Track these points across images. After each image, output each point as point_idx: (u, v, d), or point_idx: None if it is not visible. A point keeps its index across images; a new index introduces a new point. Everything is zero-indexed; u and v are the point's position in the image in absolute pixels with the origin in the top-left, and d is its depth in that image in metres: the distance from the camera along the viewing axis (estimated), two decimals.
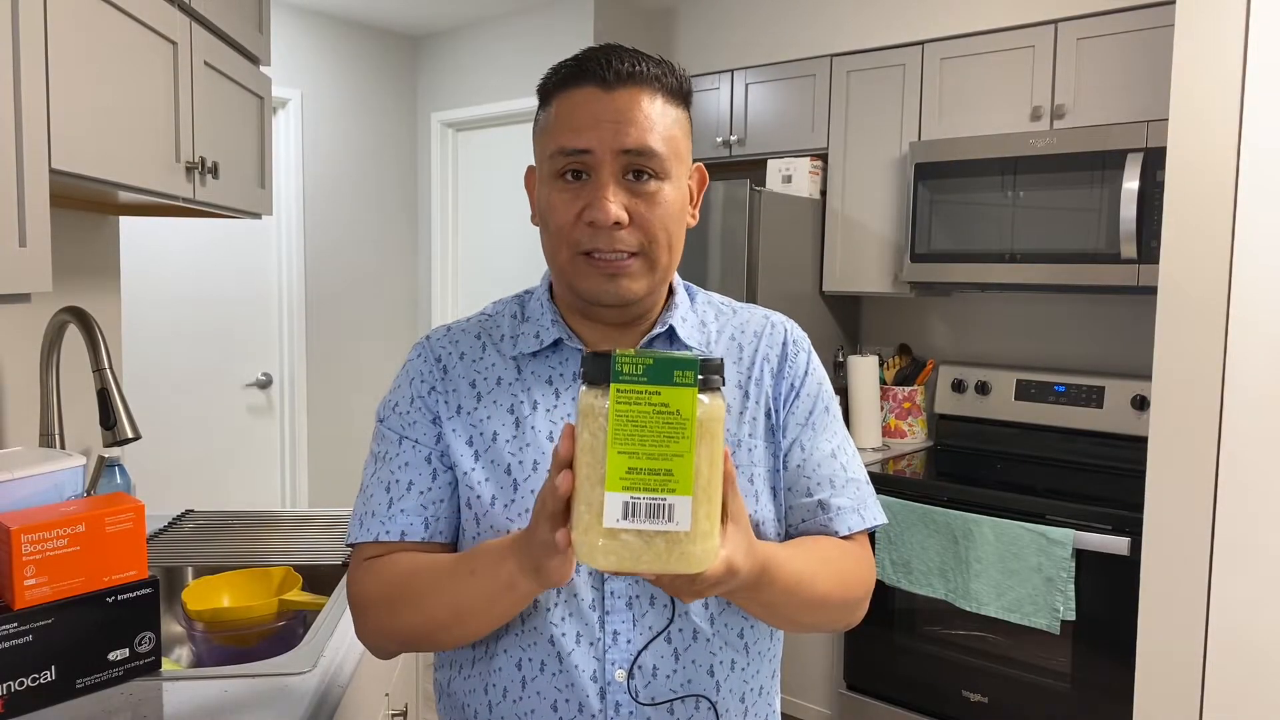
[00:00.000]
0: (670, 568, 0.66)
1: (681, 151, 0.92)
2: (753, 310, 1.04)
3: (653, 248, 0.89)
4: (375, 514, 0.92)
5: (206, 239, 3.38)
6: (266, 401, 3.66)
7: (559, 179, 0.89)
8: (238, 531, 1.77)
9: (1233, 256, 1.93)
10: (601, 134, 0.86)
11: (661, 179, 0.89)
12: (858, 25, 2.97)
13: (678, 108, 0.92)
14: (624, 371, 0.64)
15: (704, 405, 0.65)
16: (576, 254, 0.89)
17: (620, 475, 0.64)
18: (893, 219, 2.93)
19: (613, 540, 0.66)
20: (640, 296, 0.92)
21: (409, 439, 0.94)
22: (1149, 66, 2.42)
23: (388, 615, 0.88)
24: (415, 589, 0.86)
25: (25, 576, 1.03)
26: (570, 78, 0.90)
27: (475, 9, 3.62)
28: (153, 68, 1.39)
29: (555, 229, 0.90)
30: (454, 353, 0.97)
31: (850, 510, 0.96)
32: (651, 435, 0.64)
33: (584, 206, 0.87)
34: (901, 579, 2.56)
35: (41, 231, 1.07)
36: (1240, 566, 1.94)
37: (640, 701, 0.87)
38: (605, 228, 0.86)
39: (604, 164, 0.87)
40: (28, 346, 1.63)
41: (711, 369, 0.67)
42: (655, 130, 0.88)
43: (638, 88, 0.88)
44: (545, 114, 0.92)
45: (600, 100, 0.87)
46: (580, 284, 0.90)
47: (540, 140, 0.93)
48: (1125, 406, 2.67)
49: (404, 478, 0.92)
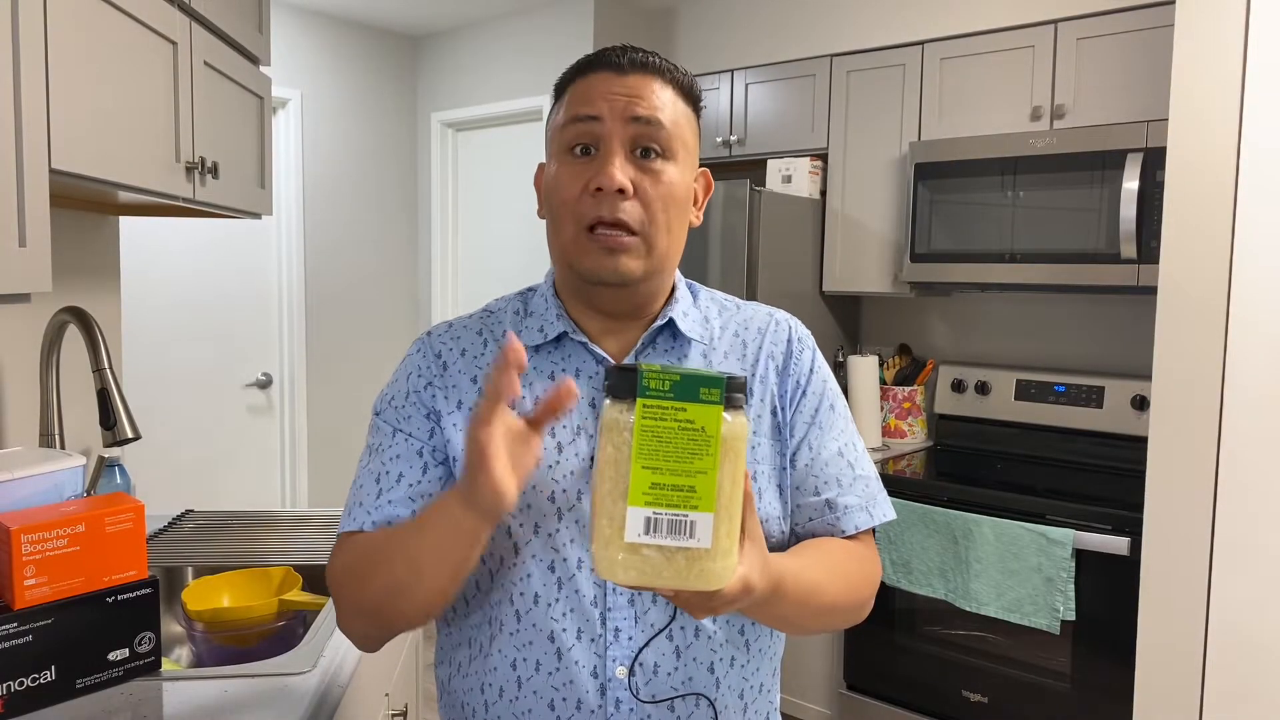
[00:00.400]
0: (689, 584, 0.66)
1: (689, 142, 0.93)
2: (756, 307, 1.05)
3: (651, 228, 0.90)
4: (363, 504, 0.92)
5: (206, 239, 3.38)
6: (266, 401, 3.66)
7: (568, 154, 0.91)
8: (238, 531, 1.77)
9: (1233, 256, 1.93)
10: (613, 104, 0.88)
11: (668, 159, 0.90)
12: (858, 25, 2.97)
13: (687, 105, 0.94)
14: (650, 387, 0.65)
15: (728, 423, 0.66)
16: (580, 230, 0.89)
17: (644, 490, 0.65)
18: (892, 219, 2.93)
19: (633, 555, 0.66)
20: (637, 277, 0.91)
21: (402, 432, 0.94)
22: (1149, 66, 2.42)
23: (356, 588, 0.88)
24: (375, 555, 0.86)
25: (25, 576, 1.03)
26: (585, 67, 0.93)
27: (475, 9, 3.62)
28: (153, 68, 1.39)
29: (561, 203, 0.91)
30: (455, 348, 0.97)
31: (858, 509, 0.97)
32: (676, 451, 0.65)
33: (590, 178, 0.88)
34: (901, 579, 2.56)
35: (41, 232, 1.07)
36: (1240, 566, 1.94)
37: (641, 699, 0.87)
38: (610, 193, 0.87)
39: (613, 134, 0.88)
40: (28, 347, 1.63)
41: (735, 387, 0.67)
42: (665, 110, 0.90)
43: (650, 75, 0.91)
44: (559, 104, 0.94)
45: (613, 80, 0.90)
46: (582, 262, 0.90)
47: (551, 123, 0.95)
48: (1125, 406, 2.67)
49: (394, 469, 0.92)
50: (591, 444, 0.91)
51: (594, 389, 0.94)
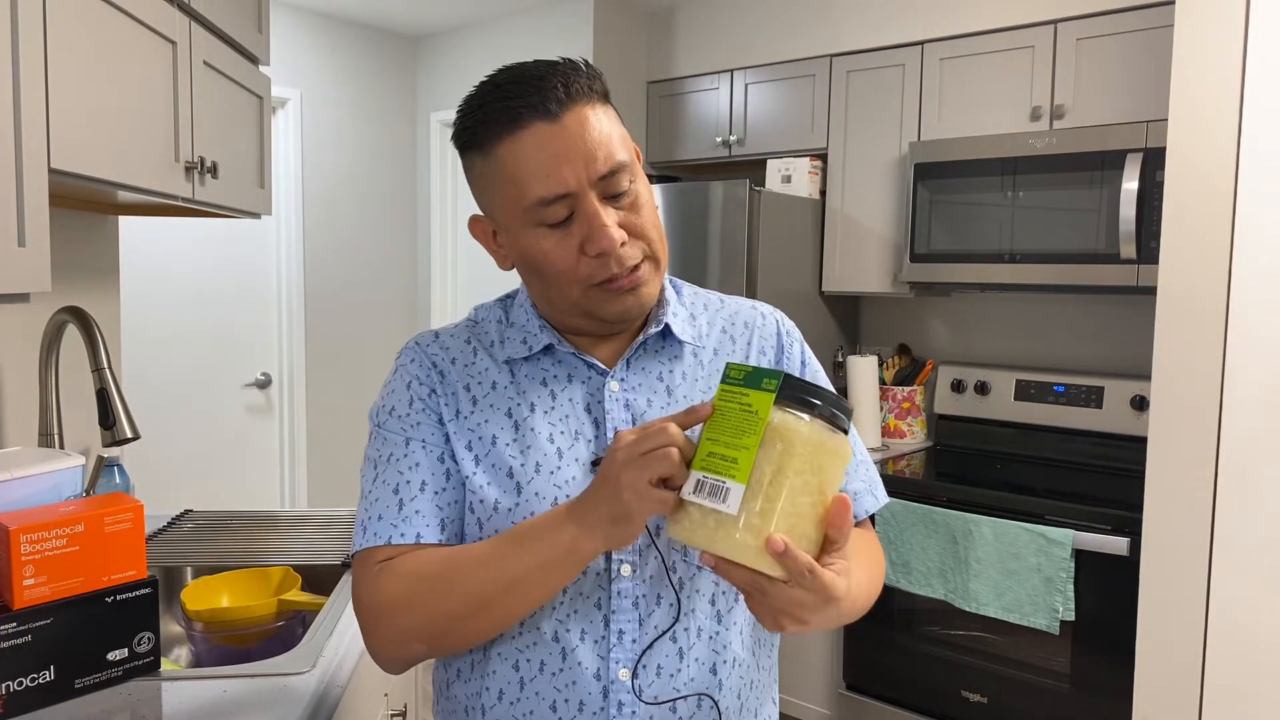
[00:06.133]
0: (714, 547, 0.72)
1: (633, 147, 0.92)
2: (740, 302, 1.05)
3: (653, 248, 0.90)
4: (384, 517, 0.88)
5: (206, 239, 3.38)
6: (266, 401, 3.66)
7: (540, 227, 0.87)
8: (237, 531, 1.77)
9: (1232, 257, 1.93)
10: (574, 169, 0.84)
11: (635, 182, 0.89)
12: (858, 25, 2.97)
13: (607, 105, 0.90)
14: (730, 376, 0.76)
15: (792, 418, 0.72)
16: (590, 287, 0.88)
17: (703, 456, 0.73)
18: (892, 219, 2.93)
19: (681, 510, 0.74)
20: (655, 298, 0.93)
21: (417, 440, 0.91)
22: (1149, 66, 2.42)
23: (405, 613, 0.84)
24: (449, 574, 0.83)
25: (24, 576, 1.03)
26: (507, 121, 0.85)
27: (475, 9, 3.62)
28: (152, 68, 1.39)
29: (556, 273, 0.88)
30: (446, 358, 0.96)
31: (865, 493, 0.99)
32: (732, 427, 0.73)
33: (581, 242, 0.86)
34: (901, 579, 2.55)
35: (41, 231, 1.07)
36: (1239, 566, 1.94)
37: (644, 700, 0.87)
38: (614, 253, 0.86)
39: (589, 198, 0.85)
40: (27, 346, 1.63)
41: (818, 397, 0.73)
42: (614, 140, 0.87)
43: (578, 105, 0.85)
44: (488, 164, 0.87)
45: (552, 134, 0.84)
46: (605, 311, 0.89)
47: (495, 193, 0.89)
48: (1125, 407, 2.67)
49: (415, 478, 0.90)
50: (589, 448, 0.91)
51: (588, 395, 0.93)
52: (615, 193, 0.87)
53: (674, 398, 0.94)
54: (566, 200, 0.85)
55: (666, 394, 0.94)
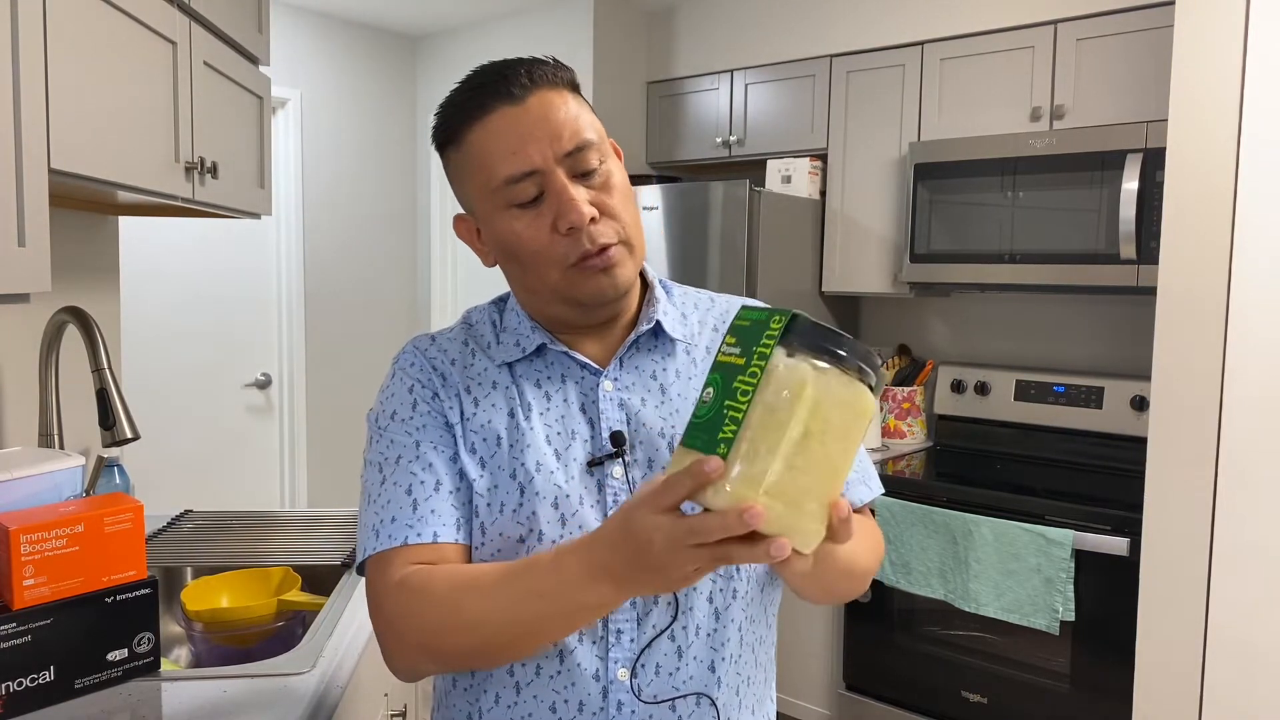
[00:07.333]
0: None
1: (602, 131, 0.92)
2: (730, 300, 1.06)
3: (627, 230, 0.90)
4: (397, 519, 0.86)
5: (206, 239, 3.38)
6: (265, 401, 3.66)
7: (512, 209, 0.88)
8: (237, 532, 1.77)
9: (1232, 257, 1.93)
10: (539, 147, 0.86)
11: (604, 161, 0.90)
12: (857, 25, 2.97)
13: (578, 96, 0.92)
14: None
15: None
16: (566, 268, 0.88)
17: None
18: (892, 219, 2.93)
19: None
20: (631, 283, 0.93)
21: (427, 441, 0.90)
22: (1149, 66, 2.42)
23: (423, 647, 0.83)
24: (473, 623, 0.81)
25: (24, 576, 1.03)
26: (475, 110, 0.88)
27: (475, 9, 3.62)
28: (152, 68, 1.39)
29: (531, 255, 0.89)
30: (445, 360, 0.96)
31: (858, 482, 0.99)
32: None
33: (553, 220, 0.87)
34: (901, 579, 2.56)
35: (41, 232, 1.07)
36: (1239, 567, 1.94)
37: (643, 700, 0.87)
38: (584, 227, 0.86)
39: (556, 174, 0.86)
40: (27, 347, 1.63)
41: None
42: (580, 121, 0.88)
43: (543, 90, 0.88)
44: (461, 155, 0.90)
45: (517, 116, 0.86)
46: (580, 290, 0.89)
47: (469, 182, 0.91)
48: (1124, 407, 2.67)
49: (429, 479, 0.89)
50: (585, 448, 0.91)
51: (582, 395, 0.93)
52: (584, 170, 0.88)
53: (667, 396, 0.94)
54: (534, 178, 0.86)
55: (660, 392, 0.94)
